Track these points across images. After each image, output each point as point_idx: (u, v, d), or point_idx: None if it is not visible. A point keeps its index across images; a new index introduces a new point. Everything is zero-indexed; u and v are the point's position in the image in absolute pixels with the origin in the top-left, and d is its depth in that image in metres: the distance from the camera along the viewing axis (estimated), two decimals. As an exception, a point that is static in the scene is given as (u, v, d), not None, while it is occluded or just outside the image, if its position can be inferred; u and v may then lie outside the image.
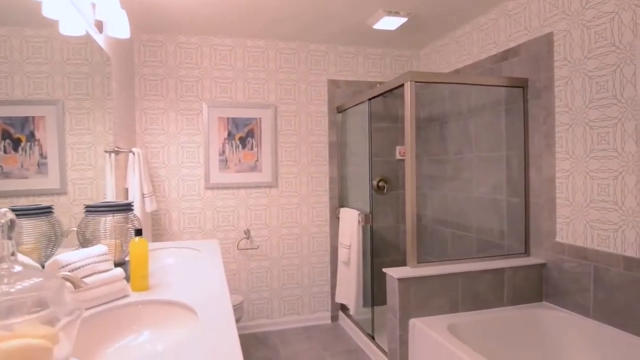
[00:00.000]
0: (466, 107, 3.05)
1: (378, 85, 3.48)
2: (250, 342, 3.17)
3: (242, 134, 3.37)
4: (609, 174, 2.00)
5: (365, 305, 3.22)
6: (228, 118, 3.33)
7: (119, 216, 1.46)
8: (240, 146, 3.37)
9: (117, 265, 1.41)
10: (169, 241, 2.72)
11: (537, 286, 2.38)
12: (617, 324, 1.96)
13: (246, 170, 3.39)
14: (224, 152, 3.33)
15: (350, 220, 3.11)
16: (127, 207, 1.51)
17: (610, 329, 1.97)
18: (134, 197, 2.60)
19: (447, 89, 3.28)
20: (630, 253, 1.90)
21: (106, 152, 2.32)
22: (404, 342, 2.15)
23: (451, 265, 2.27)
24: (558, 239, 2.29)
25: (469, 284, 2.26)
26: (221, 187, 3.34)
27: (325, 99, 3.57)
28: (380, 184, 3.66)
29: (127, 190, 2.67)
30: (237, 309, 2.80)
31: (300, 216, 3.52)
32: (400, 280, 2.13)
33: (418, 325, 2.08)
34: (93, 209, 1.45)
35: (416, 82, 2.26)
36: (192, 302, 1.26)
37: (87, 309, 1.20)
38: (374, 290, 3.22)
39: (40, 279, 0.66)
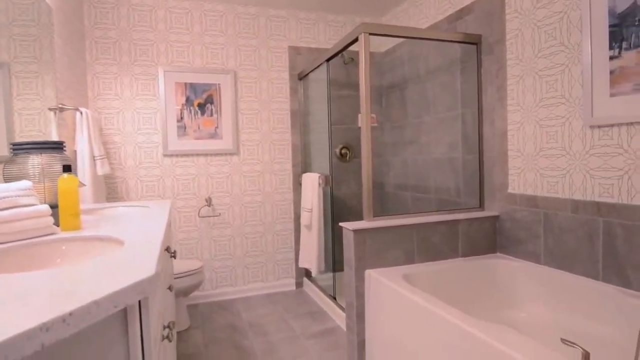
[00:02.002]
0: (424, 70, 3.04)
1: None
2: (214, 310, 3.13)
3: (201, 100, 3.29)
4: (557, 121, 2.02)
5: (327, 270, 3.21)
6: (186, 83, 3.24)
7: (47, 155, 1.39)
8: (199, 112, 3.29)
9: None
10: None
11: (490, 238, 2.41)
12: (566, 267, 2.00)
13: (206, 138, 3.31)
14: (182, 118, 3.24)
15: (312, 183, 3.09)
16: (57, 146, 1.43)
17: (560, 272, 2.01)
18: (84, 160, 2.50)
19: (407, 54, 3.27)
20: (577, 196, 1.94)
21: (50, 109, 2.22)
22: (360, 294, 2.15)
23: (406, 218, 2.27)
24: (510, 190, 2.31)
25: (423, 235, 2.27)
26: (180, 155, 3.25)
27: (287, 66, 3.52)
28: (343, 151, 3.65)
29: (75, 152, 2.56)
30: (197, 274, 2.75)
31: (263, 184, 3.47)
32: (355, 232, 2.13)
33: (373, 276, 2.07)
34: (19, 147, 1.37)
35: (370, 34, 2.23)
36: (122, 237, 1.21)
37: (8, 242, 1.14)
38: (336, 255, 3.22)
39: None
